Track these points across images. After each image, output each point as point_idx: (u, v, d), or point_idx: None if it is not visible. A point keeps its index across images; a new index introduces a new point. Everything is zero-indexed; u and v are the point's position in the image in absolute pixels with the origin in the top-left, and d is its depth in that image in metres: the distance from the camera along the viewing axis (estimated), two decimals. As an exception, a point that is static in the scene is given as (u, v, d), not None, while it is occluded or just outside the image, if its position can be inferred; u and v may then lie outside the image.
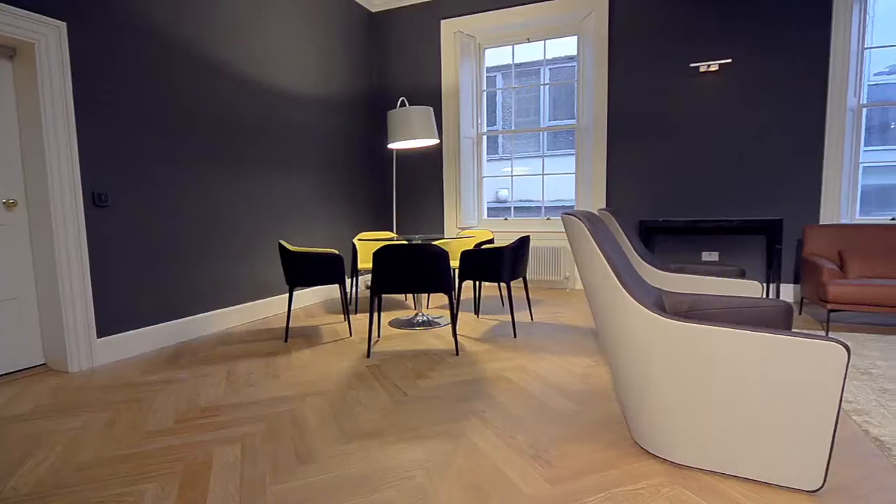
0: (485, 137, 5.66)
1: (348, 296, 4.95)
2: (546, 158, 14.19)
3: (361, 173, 5.41)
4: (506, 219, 5.50)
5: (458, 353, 3.01)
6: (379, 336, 3.45)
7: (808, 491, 1.51)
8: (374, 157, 5.66)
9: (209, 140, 3.60)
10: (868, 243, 3.85)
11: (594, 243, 1.57)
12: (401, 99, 4.55)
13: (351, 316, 4.08)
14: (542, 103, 14.74)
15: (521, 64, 14.46)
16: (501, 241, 5.22)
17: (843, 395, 2.30)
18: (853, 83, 4.09)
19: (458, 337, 3.38)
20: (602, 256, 1.56)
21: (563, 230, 4.35)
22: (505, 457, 1.77)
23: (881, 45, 3.92)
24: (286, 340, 3.38)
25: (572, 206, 5.28)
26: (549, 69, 14.38)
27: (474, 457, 1.78)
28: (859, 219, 4.29)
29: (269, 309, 4.17)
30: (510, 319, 3.79)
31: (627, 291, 1.54)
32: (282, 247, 3.28)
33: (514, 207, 6.26)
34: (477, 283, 4.29)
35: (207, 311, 3.62)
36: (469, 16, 5.16)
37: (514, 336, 3.38)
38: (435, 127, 3.99)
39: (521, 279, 5.03)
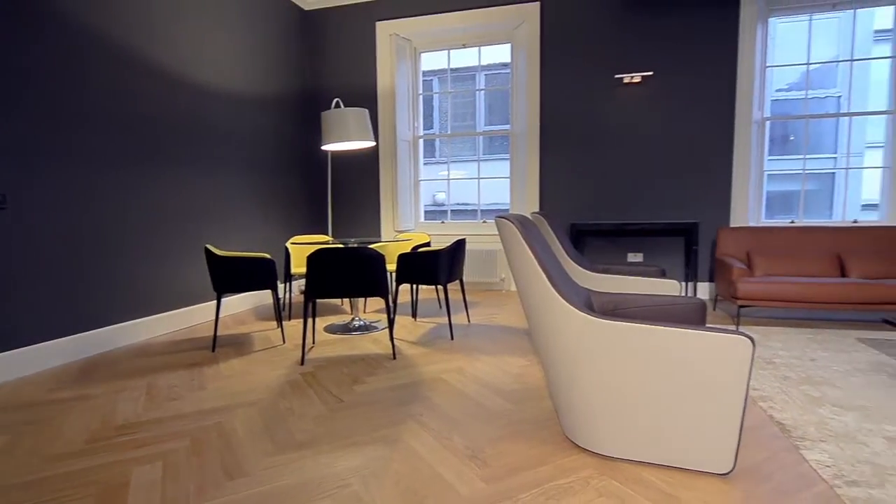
0: (421, 141, 5.68)
1: (281, 302, 4.79)
2: (482, 162, 14.44)
3: (295, 175, 5.26)
4: (443, 222, 5.54)
5: (395, 357, 2.99)
6: (313, 342, 3.36)
7: (720, 474, 1.63)
8: (309, 159, 5.53)
9: (127, 137, 3.36)
10: (772, 244, 4.23)
11: (526, 246, 1.61)
12: (335, 100, 4.48)
13: (284, 322, 3.95)
14: (479, 108, 14.99)
15: (457, 69, 14.61)
16: (438, 244, 5.26)
17: (750, 383, 2.50)
18: (757, 98, 4.47)
19: (396, 341, 3.36)
20: (533, 258, 1.61)
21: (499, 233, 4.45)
22: (442, 459, 1.78)
23: (781, 65, 4.33)
24: (214, 350, 3.22)
25: (508, 210, 5.40)
26: (485, 75, 14.65)
27: (411, 461, 1.77)
28: (765, 222, 4.69)
29: (196, 317, 3.96)
30: (447, 322, 3.82)
31: (557, 292, 1.60)
32: (208, 251, 3.12)
33: (451, 210, 6.32)
34: (414, 286, 4.28)
35: (125, 320, 3.38)
36: (405, 19, 5.16)
37: (452, 338, 3.40)
38: (371, 129, 3.96)
39: (457, 281, 5.09)
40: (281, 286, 4.95)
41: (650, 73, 4.58)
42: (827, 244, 4.13)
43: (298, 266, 4.15)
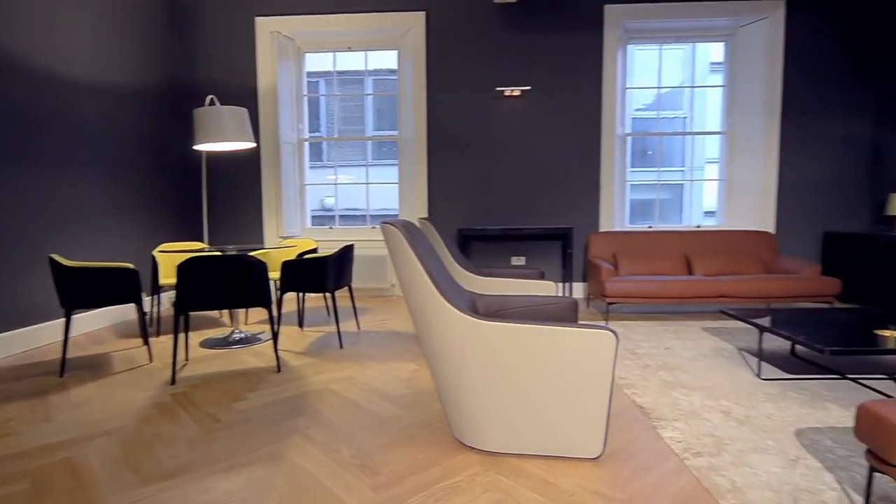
0: (307, 144, 5.49)
1: (148, 316, 4.33)
2: (372, 167, 14.34)
3: (165, 177, 4.79)
4: (331, 227, 5.40)
5: (280, 370, 2.85)
6: (187, 359, 3.08)
7: (591, 458, 1.78)
8: (181, 160, 5.07)
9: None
10: (634, 247, 4.71)
11: (411, 251, 1.63)
12: (209, 97, 4.17)
13: (152, 339, 3.58)
14: (367, 113, 14.89)
15: (344, 72, 14.39)
16: (326, 250, 5.11)
17: (616, 373, 2.76)
18: (619, 116, 4.97)
19: (281, 352, 3.20)
20: (419, 263, 1.63)
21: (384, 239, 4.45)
22: (330, 472, 1.73)
23: (639, 87, 4.88)
24: (62, 375, 2.81)
25: (397, 215, 5.42)
26: (373, 79, 14.60)
27: (297, 477, 1.70)
28: (628, 227, 5.21)
29: (43, 337, 3.43)
30: (336, 330, 3.73)
31: (442, 296, 1.63)
32: (54, 262, 2.73)
33: (340, 216, 6.19)
34: (300, 294, 4.12)
35: (-59, 346, 2.82)
36: (287, 17, 4.97)
37: (341, 347, 3.32)
38: (250, 129, 3.74)
39: (346, 288, 4.99)
40: (148, 299, 4.48)
41: (528, 87, 4.89)
42: (677, 246, 4.70)
43: (168, 276, 3.79)
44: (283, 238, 5.14)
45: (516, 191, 5.02)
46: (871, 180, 4.86)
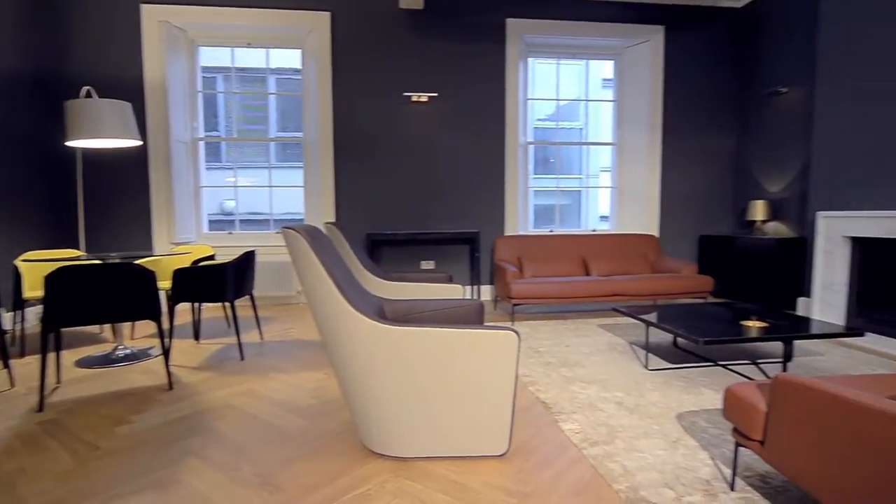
0: (202, 143, 5.14)
1: (8, 335, 3.80)
2: (275, 170, 13.74)
3: (28, 176, 4.23)
4: (230, 232, 5.10)
5: (171, 388, 2.62)
6: (59, 382, 2.74)
7: (498, 455, 1.83)
8: (54, 158, 4.51)
9: None
10: (538, 250, 4.94)
11: (314, 256, 1.58)
12: (86, 88, 3.75)
13: (13, 361, 3.14)
14: (270, 113, 14.26)
15: (245, 69, 13.67)
16: (226, 256, 4.81)
17: (520, 371, 2.87)
18: (521, 125, 5.21)
19: (173, 368, 2.95)
20: (323, 269, 1.59)
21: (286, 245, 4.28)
22: (228, 494, 1.62)
23: (540, 98, 5.14)
24: None
25: (303, 220, 5.24)
26: (276, 78, 14.01)
27: (192, 502, 1.57)
28: (532, 231, 5.46)
29: None
30: (236, 341, 3.51)
31: (348, 302, 1.60)
32: None
33: (241, 220, 5.86)
34: (196, 304, 3.83)
35: None
36: (178, 6, 4.62)
37: (242, 358, 3.14)
38: (135, 126, 3.42)
39: (248, 297, 4.72)
40: (8, 315, 3.93)
41: (435, 94, 4.96)
42: (575, 249, 5.01)
43: (34, 289, 3.35)
44: (176, 244, 4.76)
45: (425, 195, 5.07)
46: (735, 189, 5.52)
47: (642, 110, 5.37)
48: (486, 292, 5.26)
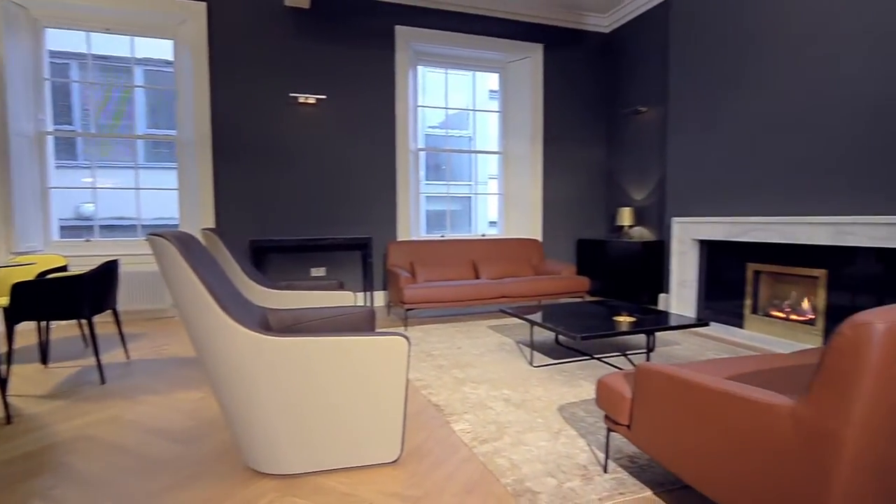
0: (51, 138, 4.51)
1: None
2: (145, 171, 12.46)
3: None
4: (88, 240, 4.52)
5: (10, 421, 2.25)
6: None
7: (390, 462, 1.82)
8: None
9: None
10: (430, 255, 5.02)
11: (186, 266, 1.45)
12: None
13: None
14: (138, 107, 12.89)
15: (106, 57, 12.22)
16: (83, 266, 4.25)
17: (413, 375, 2.89)
18: (412, 131, 5.26)
19: (13, 398, 2.54)
20: (196, 279, 1.46)
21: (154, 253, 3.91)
22: (83, 537, 1.43)
23: (430, 106, 5.24)
24: None
25: (177, 226, 4.80)
26: (144, 70, 12.72)
27: (34, 553, 1.36)
28: (425, 236, 5.53)
29: None
30: (96, 363, 3.12)
31: (227, 314, 1.49)
32: None
33: (103, 226, 5.22)
34: (44, 323, 3.33)
35: None
36: (18, -19, 4.01)
37: (103, 382, 2.79)
38: (-40, 116, 2.90)
39: (111, 312, 4.21)
40: None
41: (324, 96, 4.84)
42: (466, 254, 5.16)
43: None
44: (16, 254, 4.11)
45: (315, 201, 4.91)
46: (607, 197, 6.07)
47: (525, 122, 5.70)
48: (380, 298, 5.22)
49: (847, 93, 3.15)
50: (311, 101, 4.78)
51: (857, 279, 3.16)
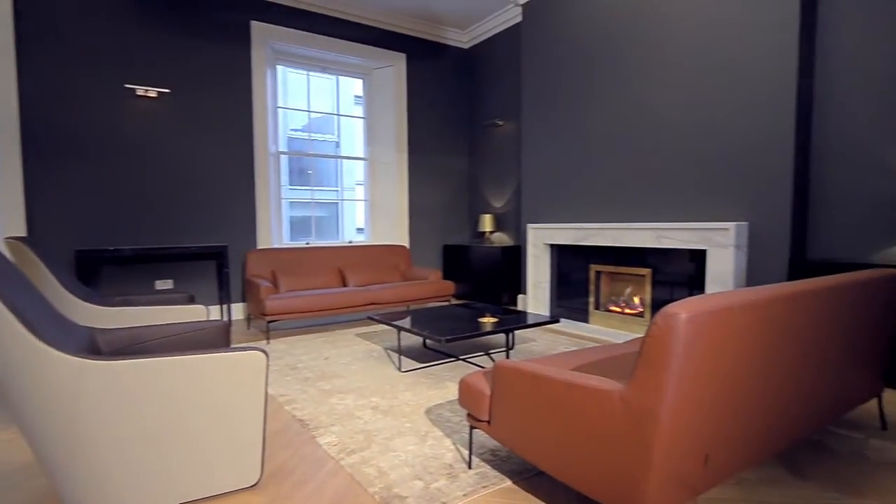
0: None
1: None
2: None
3: None
4: None
5: None
6: None
7: (249, 486, 1.69)
8: None
9: None
10: (293, 263, 4.79)
11: (-20, 283, 1.20)
12: None
13: None
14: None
15: None
16: None
17: (275, 390, 2.73)
18: (272, 133, 5.00)
19: None
20: (-6, 299, 1.22)
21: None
22: None
23: (292, 108, 5.01)
24: None
25: (-26, 235, 3.96)
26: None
27: None
28: (288, 243, 5.27)
29: None
30: None
31: (36, 336, 1.27)
32: None
33: None
34: None
35: None
36: None
37: None
38: None
39: None
40: None
41: (167, 90, 4.37)
42: (333, 261, 5.03)
43: None
44: None
45: (159, 205, 4.41)
46: (470, 204, 6.36)
47: (390, 129, 5.75)
48: (239, 311, 4.86)
49: (665, 119, 3.70)
50: (153, 94, 4.29)
51: (674, 276, 3.72)
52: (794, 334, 1.38)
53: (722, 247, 3.24)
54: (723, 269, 3.24)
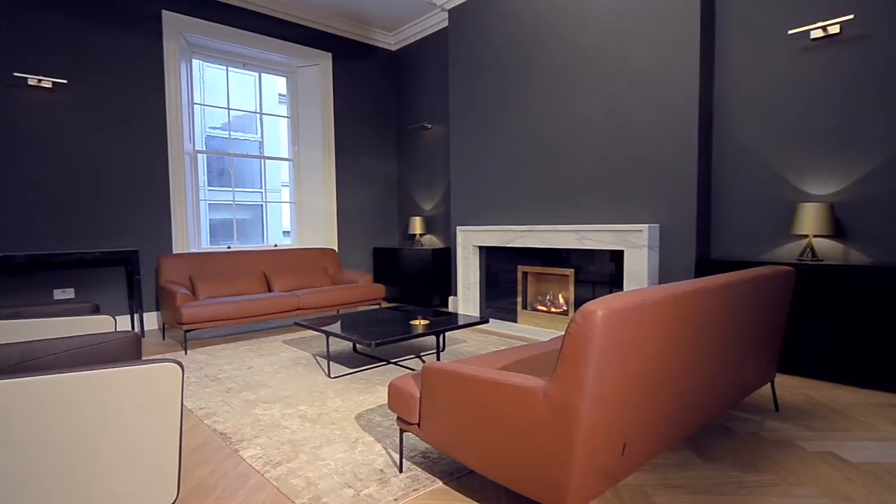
0: None
1: None
2: None
3: None
4: None
5: None
6: None
7: (164, 509, 1.58)
8: None
9: None
10: (213, 268, 4.54)
11: None
12: None
13: None
14: None
15: None
16: None
17: (194, 404, 2.58)
18: (188, 131, 4.71)
19: None
20: None
21: None
22: None
23: (209, 105, 4.74)
24: None
25: None
26: None
27: None
28: (207, 248, 4.98)
29: None
30: None
31: None
32: None
33: None
34: None
35: None
36: None
37: None
38: None
39: None
40: None
41: (64, 81, 3.99)
42: (257, 265, 4.82)
43: None
44: None
45: (57, 207, 4.01)
46: (399, 206, 6.33)
47: (316, 130, 5.60)
48: (153, 320, 4.53)
49: (585, 124, 3.89)
50: (47, 84, 3.91)
51: (596, 275, 3.91)
52: (699, 326, 1.50)
53: (637, 247, 3.46)
54: (638, 268, 3.46)
